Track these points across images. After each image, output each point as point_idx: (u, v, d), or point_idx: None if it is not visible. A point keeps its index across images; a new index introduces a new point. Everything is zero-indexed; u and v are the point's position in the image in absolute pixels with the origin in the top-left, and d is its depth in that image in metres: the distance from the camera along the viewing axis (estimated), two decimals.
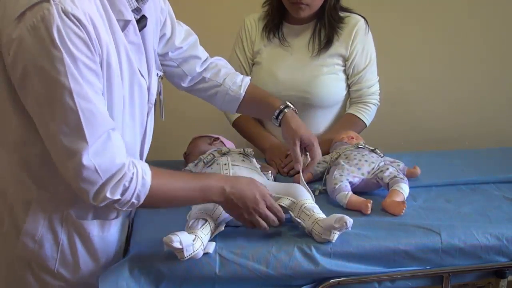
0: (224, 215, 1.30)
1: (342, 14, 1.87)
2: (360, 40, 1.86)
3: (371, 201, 1.45)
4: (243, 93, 1.55)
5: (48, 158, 1.14)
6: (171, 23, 1.47)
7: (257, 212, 1.27)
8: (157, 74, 1.38)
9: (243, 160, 1.53)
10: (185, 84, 1.57)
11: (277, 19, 1.89)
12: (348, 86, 1.93)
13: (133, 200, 1.16)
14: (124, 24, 1.17)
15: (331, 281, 1.28)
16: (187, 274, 1.23)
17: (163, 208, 1.32)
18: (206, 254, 1.23)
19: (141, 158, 1.34)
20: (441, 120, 2.71)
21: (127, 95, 1.20)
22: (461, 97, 2.69)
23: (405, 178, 1.54)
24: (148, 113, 1.31)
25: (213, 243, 1.26)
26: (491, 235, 1.36)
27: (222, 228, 1.27)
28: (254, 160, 1.59)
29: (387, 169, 1.56)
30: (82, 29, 1.03)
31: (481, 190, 1.64)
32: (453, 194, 1.61)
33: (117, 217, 1.32)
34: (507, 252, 1.36)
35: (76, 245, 1.27)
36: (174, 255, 1.19)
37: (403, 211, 1.43)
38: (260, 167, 1.55)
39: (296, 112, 1.56)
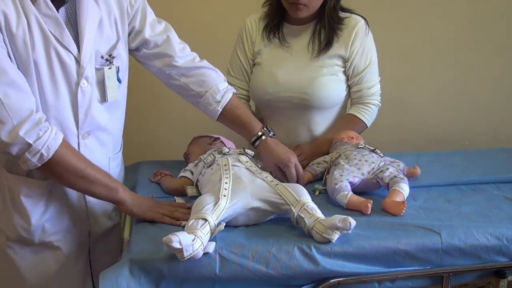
0: (225, 214, 1.30)
1: (342, 14, 1.87)
2: (360, 41, 1.86)
3: (371, 201, 1.45)
4: (220, 110, 1.66)
5: None
6: (142, 18, 1.56)
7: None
8: (102, 57, 1.45)
9: (245, 161, 1.53)
10: (166, 80, 1.66)
11: (277, 19, 1.89)
12: (349, 87, 1.93)
13: (43, 151, 1.29)
14: None
15: (331, 281, 1.28)
16: (187, 274, 1.23)
17: (63, 183, 1.42)
18: (206, 254, 1.23)
19: (77, 126, 1.43)
20: (441, 120, 2.71)
21: (43, 61, 1.33)
22: (461, 97, 2.69)
23: (405, 178, 1.54)
24: (78, 83, 1.40)
25: (213, 243, 1.26)
26: (491, 235, 1.36)
27: (222, 228, 1.27)
28: (254, 160, 1.59)
29: (387, 169, 1.56)
30: None
31: (481, 190, 1.64)
32: (453, 194, 1.61)
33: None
34: (507, 252, 1.37)
35: (7, 202, 1.45)
36: (174, 254, 1.19)
37: (403, 211, 1.43)
38: (260, 167, 1.55)
39: (273, 136, 1.67)
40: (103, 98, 1.48)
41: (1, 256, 1.50)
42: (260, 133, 1.66)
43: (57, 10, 1.35)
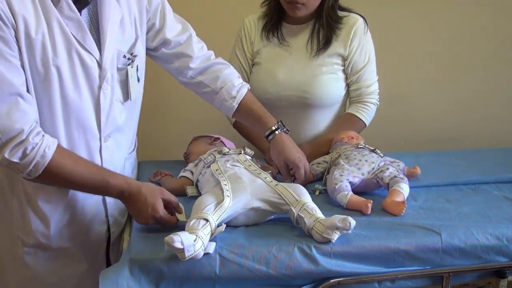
0: (225, 215, 1.31)
1: (340, 13, 1.88)
2: (358, 40, 1.86)
3: (371, 201, 1.45)
4: (236, 106, 1.66)
5: None
6: (162, 16, 1.56)
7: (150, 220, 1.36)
8: (125, 56, 1.46)
9: (244, 161, 1.53)
10: (182, 79, 1.66)
11: (276, 18, 1.89)
12: (348, 86, 1.93)
13: (31, 167, 1.27)
14: (57, 0, 1.30)
15: (331, 281, 1.28)
16: (187, 274, 1.23)
17: (62, 187, 1.42)
18: (206, 254, 1.23)
19: (99, 129, 1.44)
20: (441, 120, 2.71)
21: (65, 66, 1.33)
22: (461, 97, 2.69)
23: (405, 178, 1.54)
24: (100, 86, 1.41)
25: (213, 243, 1.26)
26: (491, 235, 1.36)
27: (223, 228, 1.27)
28: (254, 160, 1.59)
29: (387, 169, 1.56)
30: None
31: (482, 190, 1.64)
32: (453, 194, 1.61)
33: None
34: (507, 252, 1.37)
35: (27, 209, 1.43)
36: (175, 255, 1.19)
37: (403, 211, 1.43)
38: (260, 167, 1.55)
39: (288, 132, 1.65)
40: (126, 97, 1.49)
41: (18, 262, 1.48)
42: (274, 128, 1.63)
43: (80, 11, 1.34)
